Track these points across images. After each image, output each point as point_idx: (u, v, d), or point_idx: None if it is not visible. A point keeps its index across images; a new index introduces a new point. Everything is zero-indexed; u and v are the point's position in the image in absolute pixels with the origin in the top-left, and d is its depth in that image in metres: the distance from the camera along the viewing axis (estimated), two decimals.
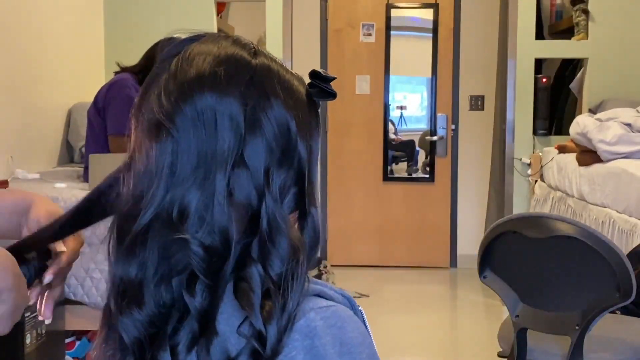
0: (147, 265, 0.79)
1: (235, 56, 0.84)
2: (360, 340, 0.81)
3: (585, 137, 3.77)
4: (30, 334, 2.67)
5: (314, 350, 0.78)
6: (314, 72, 0.88)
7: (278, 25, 4.70)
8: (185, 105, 0.81)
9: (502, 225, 2.29)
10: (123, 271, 0.80)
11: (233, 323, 0.78)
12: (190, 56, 0.84)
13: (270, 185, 0.81)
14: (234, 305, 0.78)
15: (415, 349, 4.13)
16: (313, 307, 0.80)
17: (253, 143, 0.81)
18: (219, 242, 0.78)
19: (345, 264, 5.73)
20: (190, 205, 0.78)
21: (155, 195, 0.79)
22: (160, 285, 0.79)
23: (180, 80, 0.82)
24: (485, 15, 5.66)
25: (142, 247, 0.79)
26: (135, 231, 0.80)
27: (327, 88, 0.89)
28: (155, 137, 0.81)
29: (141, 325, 0.78)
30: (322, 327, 0.79)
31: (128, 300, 0.79)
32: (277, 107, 0.83)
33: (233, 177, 0.79)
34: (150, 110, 0.83)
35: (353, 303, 0.86)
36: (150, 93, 0.84)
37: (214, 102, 0.80)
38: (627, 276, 2.04)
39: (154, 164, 0.80)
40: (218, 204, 0.78)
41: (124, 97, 3.26)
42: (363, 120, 5.84)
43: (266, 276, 0.78)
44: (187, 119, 0.80)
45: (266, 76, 0.84)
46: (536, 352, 2.29)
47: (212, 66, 0.82)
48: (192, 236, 0.78)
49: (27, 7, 3.67)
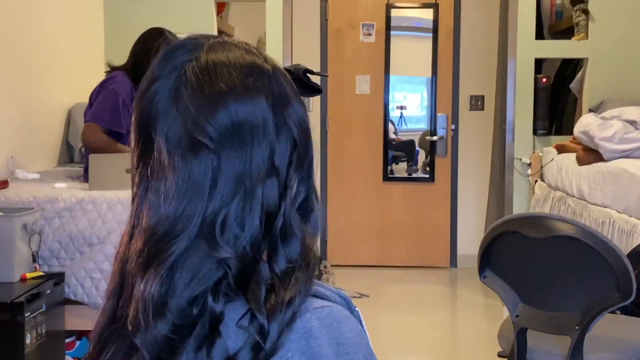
0: (179, 283, 0.77)
1: (256, 64, 0.84)
2: (357, 341, 0.81)
3: (587, 135, 3.78)
4: (30, 334, 2.67)
5: (310, 351, 0.78)
6: (308, 70, 0.89)
7: (278, 25, 4.70)
8: (222, 119, 0.79)
9: (502, 225, 2.29)
10: (153, 290, 0.77)
11: (231, 322, 0.78)
12: (209, 66, 0.82)
13: (292, 189, 0.81)
14: (232, 305, 0.78)
15: (415, 349, 4.13)
16: (309, 308, 0.80)
17: (281, 149, 0.81)
18: (251, 251, 0.78)
19: (345, 264, 5.73)
20: (229, 220, 0.78)
21: (197, 215, 0.77)
22: (193, 302, 0.77)
23: (209, 94, 0.80)
24: (485, 15, 5.66)
25: (181, 269, 0.77)
26: (175, 252, 0.77)
27: (315, 85, 0.90)
28: (192, 154, 0.78)
29: (164, 340, 0.77)
30: (317, 327, 0.78)
31: (151, 316, 0.77)
32: (298, 109, 0.84)
33: (266, 186, 0.80)
34: (174, 125, 0.80)
35: (350, 303, 0.86)
36: (169, 107, 0.81)
37: (248, 114, 0.80)
38: (627, 276, 2.04)
39: (195, 181, 0.78)
40: (256, 216, 0.78)
41: (110, 91, 3.34)
42: (363, 120, 5.84)
43: (272, 273, 0.79)
44: (224, 134, 0.79)
45: (281, 80, 0.85)
46: (536, 352, 2.29)
47: (240, 77, 0.81)
48: (227, 251, 0.77)
49: (27, 7, 3.67)
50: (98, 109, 3.33)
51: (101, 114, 3.31)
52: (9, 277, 2.81)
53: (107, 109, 3.30)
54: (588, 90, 4.70)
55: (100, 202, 3.04)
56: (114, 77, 3.38)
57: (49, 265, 3.03)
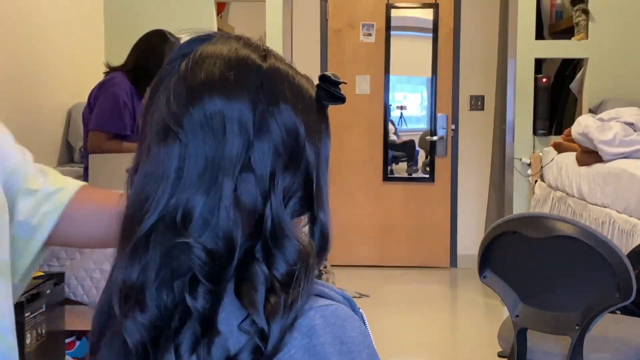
0: (148, 269, 0.79)
1: (246, 59, 0.84)
2: (361, 340, 0.81)
3: (587, 137, 3.77)
4: (30, 334, 2.67)
5: (313, 349, 0.78)
6: (324, 75, 0.87)
7: (278, 25, 4.69)
8: (194, 109, 0.80)
9: (502, 225, 2.29)
10: (125, 274, 0.80)
11: (233, 322, 0.78)
12: (200, 58, 0.83)
13: (276, 189, 0.80)
14: (234, 304, 0.78)
15: (415, 349, 4.13)
16: (312, 306, 0.80)
17: (261, 148, 0.80)
18: (223, 246, 0.78)
19: (345, 264, 5.73)
20: (195, 209, 0.78)
21: (160, 199, 0.79)
22: (162, 288, 0.78)
23: (190, 84, 0.82)
24: (485, 15, 5.66)
25: (145, 251, 0.79)
26: (138, 234, 0.79)
27: (336, 92, 0.87)
28: (163, 140, 0.80)
29: (144, 329, 0.78)
30: (321, 326, 0.79)
31: (131, 304, 0.79)
32: (286, 112, 0.83)
33: (240, 181, 0.79)
34: (158, 113, 0.82)
35: (353, 304, 0.86)
36: (159, 95, 0.83)
37: (223, 107, 0.80)
38: (627, 276, 2.05)
39: (161, 167, 0.80)
40: (224, 208, 0.78)
41: (110, 94, 3.31)
42: (363, 120, 5.84)
43: (270, 275, 0.78)
44: (196, 124, 0.80)
45: (276, 80, 0.84)
46: (536, 352, 2.29)
47: (223, 70, 0.82)
48: (195, 240, 0.77)
49: (27, 7, 3.67)
50: (100, 116, 3.31)
51: (105, 121, 3.31)
52: None
53: (109, 114, 3.30)
54: (588, 90, 4.69)
55: None
56: (113, 78, 3.38)
57: (49, 265, 3.03)
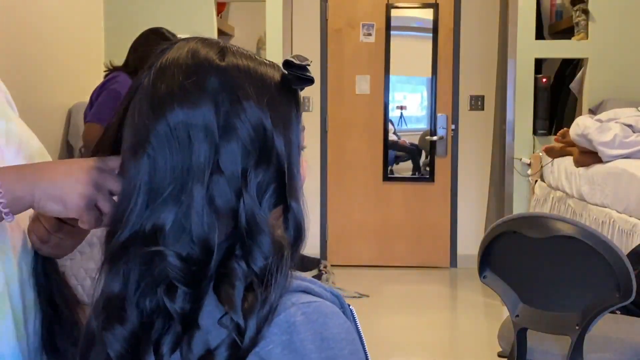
0: (129, 281, 0.80)
1: (203, 62, 0.84)
2: (343, 336, 0.81)
3: (586, 139, 3.77)
4: None
5: (292, 345, 0.78)
6: (287, 61, 0.86)
7: (278, 25, 4.69)
8: (158, 123, 0.81)
9: (502, 225, 2.28)
10: (106, 287, 0.82)
11: (215, 316, 0.79)
12: (160, 70, 0.84)
13: (248, 185, 0.81)
14: (216, 299, 0.79)
15: (415, 349, 4.13)
16: (295, 303, 0.80)
17: (228, 148, 0.81)
18: (199, 251, 0.79)
19: (345, 264, 5.73)
20: (167, 220, 0.80)
21: (132, 213, 0.80)
22: (144, 296, 0.80)
23: (152, 98, 0.83)
24: (485, 15, 5.66)
25: (124, 264, 0.80)
26: (113, 248, 0.81)
27: (303, 75, 0.86)
28: (133, 156, 0.82)
29: (124, 340, 0.80)
30: (301, 322, 0.79)
31: (110, 316, 0.80)
32: (250, 109, 0.83)
33: (211, 184, 0.80)
34: (128, 129, 0.84)
35: (342, 302, 0.86)
36: (129, 111, 0.85)
37: (186, 117, 0.81)
38: (627, 276, 2.04)
39: (132, 182, 0.81)
40: (197, 214, 0.79)
41: (111, 91, 3.34)
42: (363, 120, 5.84)
43: (249, 270, 0.79)
44: (161, 137, 0.81)
45: (236, 77, 0.84)
46: (536, 352, 2.29)
47: (181, 79, 0.82)
48: (167, 249, 0.79)
49: (27, 7, 3.67)
50: (99, 109, 3.33)
51: (103, 114, 3.31)
52: None
53: (109, 109, 3.30)
54: (588, 90, 4.69)
55: None
56: (116, 77, 3.38)
57: None
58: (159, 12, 4.61)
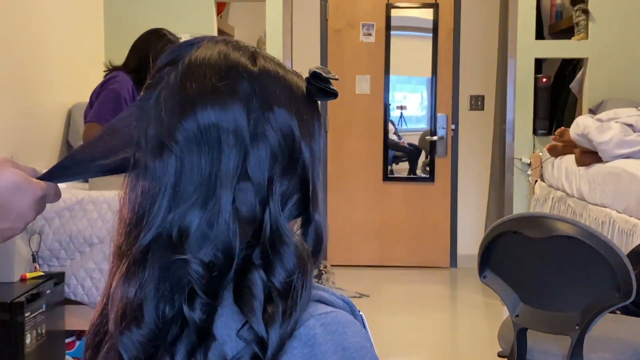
0: (147, 285, 0.78)
1: (236, 65, 0.82)
2: (362, 344, 0.80)
3: (586, 138, 3.77)
4: (30, 334, 2.67)
5: (314, 358, 0.77)
6: (314, 73, 0.85)
7: (278, 25, 4.69)
8: (187, 122, 0.79)
9: (502, 225, 2.28)
10: (123, 291, 0.79)
11: (231, 326, 0.77)
12: (189, 68, 0.82)
13: (274, 195, 0.79)
14: (232, 309, 0.78)
15: (415, 349, 4.13)
16: (312, 314, 0.79)
17: (257, 155, 0.79)
18: (222, 258, 0.77)
19: (345, 264, 5.73)
20: (192, 224, 0.77)
21: (157, 216, 0.78)
22: (162, 302, 0.78)
23: (181, 97, 0.80)
24: (485, 15, 5.66)
25: (143, 268, 0.78)
26: (135, 252, 0.78)
27: (328, 88, 0.86)
28: (158, 156, 0.79)
29: (140, 344, 0.78)
30: (321, 334, 0.78)
31: (128, 320, 0.78)
32: (281, 116, 0.81)
33: (238, 191, 0.78)
34: (152, 127, 0.81)
35: (353, 308, 0.85)
36: (151, 108, 0.82)
37: (217, 119, 0.79)
38: (627, 276, 2.04)
39: (157, 183, 0.79)
40: (224, 222, 0.77)
41: (111, 90, 3.33)
42: (363, 120, 5.84)
43: (269, 282, 0.77)
44: (190, 137, 0.78)
45: (268, 83, 0.82)
46: (536, 352, 2.29)
47: (214, 80, 0.80)
48: (193, 256, 0.77)
49: (27, 7, 3.67)
50: (99, 109, 3.33)
51: (103, 114, 3.31)
52: (9, 277, 2.81)
53: (109, 108, 3.30)
54: (588, 90, 4.69)
55: (101, 202, 3.04)
56: (115, 76, 3.39)
57: (49, 265, 3.03)
58: (159, 12, 4.61)
